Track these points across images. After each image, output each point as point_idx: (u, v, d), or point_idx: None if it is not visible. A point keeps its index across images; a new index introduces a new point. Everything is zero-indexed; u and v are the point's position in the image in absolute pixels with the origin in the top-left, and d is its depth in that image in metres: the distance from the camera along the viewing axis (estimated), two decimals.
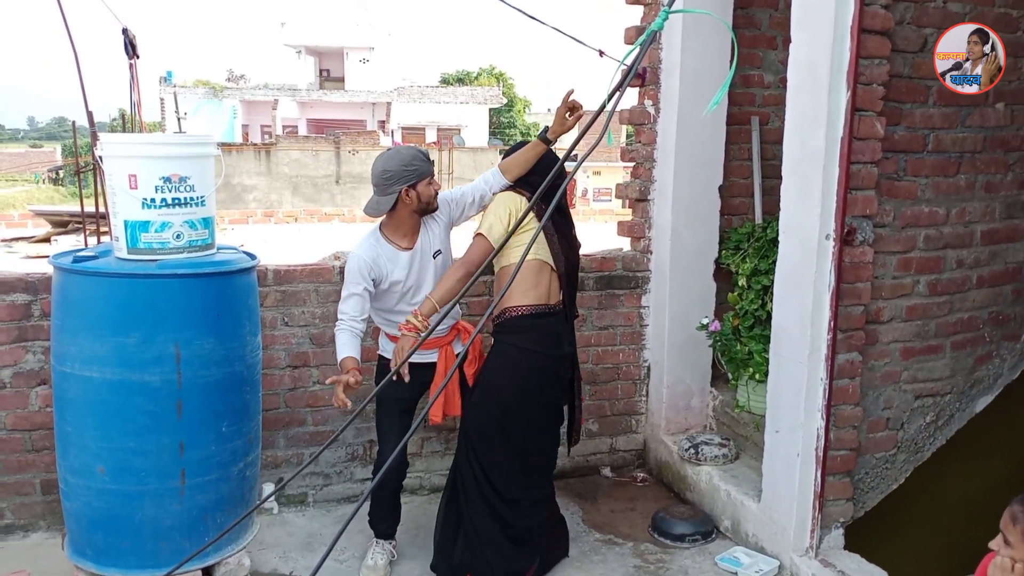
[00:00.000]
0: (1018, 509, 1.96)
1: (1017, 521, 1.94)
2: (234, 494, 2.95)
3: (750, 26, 4.08)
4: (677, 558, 3.54)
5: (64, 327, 2.74)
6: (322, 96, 35.64)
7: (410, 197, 3.07)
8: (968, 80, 3.19)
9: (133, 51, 4.94)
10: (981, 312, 3.59)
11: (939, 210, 3.37)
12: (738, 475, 3.82)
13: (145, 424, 2.70)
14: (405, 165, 3.03)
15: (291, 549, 3.55)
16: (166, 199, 2.68)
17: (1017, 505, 1.97)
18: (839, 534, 3.40)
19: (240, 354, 2.88)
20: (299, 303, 3.76)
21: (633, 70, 1.42)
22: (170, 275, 2.68)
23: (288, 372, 3.80)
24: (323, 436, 3.89)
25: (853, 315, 3.21)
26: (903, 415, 3.53)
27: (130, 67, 5.02)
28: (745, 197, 4.28)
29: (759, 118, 4.21)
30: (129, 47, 4.90)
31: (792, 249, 3.18)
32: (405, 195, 3.06)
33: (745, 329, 3.91)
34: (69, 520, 2.91)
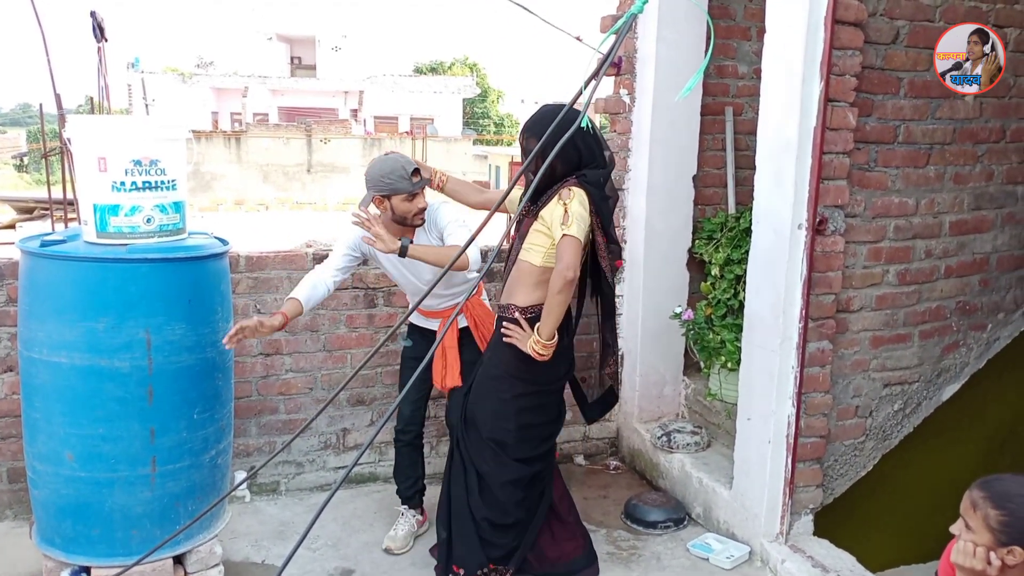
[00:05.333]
0: (977, 495, 1.99)
1: (977, 507, 1.98)
2: (206, 482, 2.92)
3: (725, 16, 4.10)
4: (649, 544, 3.57)
5: (32, 312, 2.69)
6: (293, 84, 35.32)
7: (384, 206, 3.13)
8: (968, 80, 3.22)
9: (101, 34, 4.85)
10: (949, 302, 3.65)
11: (909, 201, 3.41)
12: (710, 463, 3.86)
13: (115, 410, 2.66)
14: (382, 176, 3.07)
15: (263, 537, 3.53)
16: (136, 182, 2.64)
17: (976, 491, 2.00)
18: (809, 520, 3.45)
19: (212, 340, 2.84)
20: (272, 290, 3.72)
21: (611, 55, 1.42)
22: (141, 259, 2.64)
23: (260, 360, 3.77)
24: (295, 424, 3.87)
25: (824, 304, 3.24)
26: (872, 403, 3.58)
27: (98, 51, 4.93)
28: (718, 187, 4.31)
29: (733, 109, 4.23)
30: (97, 30, 4.81)
31: (765, 238, 3.21)
32: (378, 203, 3.12)
33: (718, 318, 3.94)
34: (37, 508, 2.86)
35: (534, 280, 2.97)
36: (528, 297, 2.98)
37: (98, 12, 4.87)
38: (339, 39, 37.51)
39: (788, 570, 3.21)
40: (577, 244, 2.81)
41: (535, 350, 2.86)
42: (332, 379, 3.89)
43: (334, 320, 3.84)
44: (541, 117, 3.01)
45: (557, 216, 2.84)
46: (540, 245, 2.93)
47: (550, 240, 2.90)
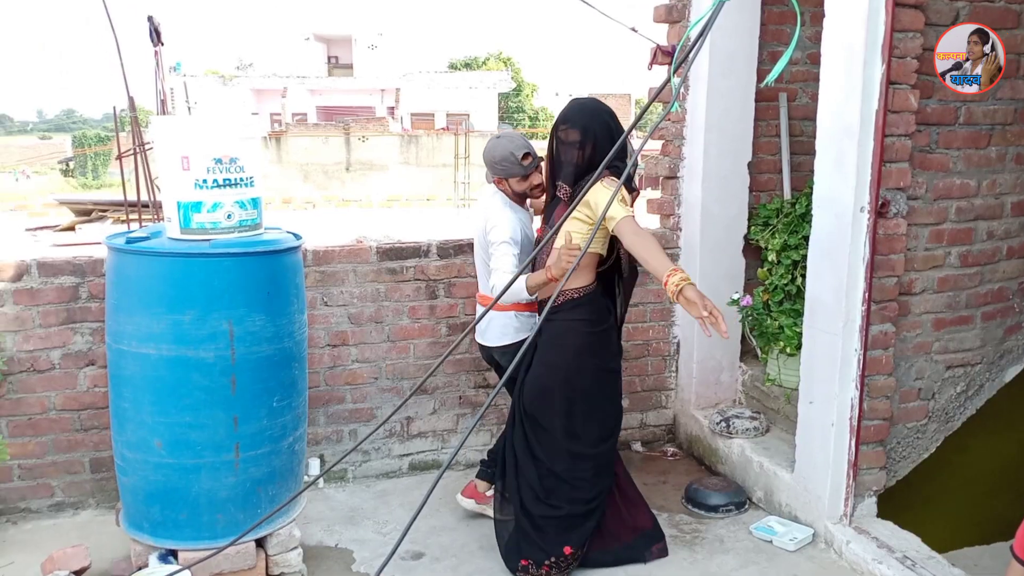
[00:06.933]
0: None
1: None
2: (285, 467, 3.03)
3: (777, 3, 4.10)
4: (712, 528, 3.61)
5: (120, 306, 2.82)
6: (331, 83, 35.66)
7: (503, 185, 3.39)
8: (968, 80, 3.23)
9: (158, 38, 5.01)
10: (1011, 283, 3.63)
11: (970, 182, 3.41)
12: (769, 447, 3.89)
13: (201, 399, 2.78)
14: (496, 162, 3.34)
15: (334, 523, 3.64)
16: (217, 180, 2.75)
17: None
18: (872, 502, 3.46)
19: (289, 331, 2.95)
20: (338, 283, 3.83)
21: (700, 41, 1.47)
22: (223, 254, 2.75)
23: (327, 351, 3.88)
24: (361, 413, 3.98)
25: (886, 287, 3.26)
26: (934, 385, 3.58)
27: (155, 54, 5.08)
28: (773, 173, 4.32)
29: (787, 94, 4.23)
30: (154, 34, 4.96)
31: (826, 222, 3.23)
32: (498, 183, 3.40)
33: (775, 304, 3.96)
34: (125, 495, 2.99)
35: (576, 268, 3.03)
36: (573, 282, 3.04)
37: (155, 16, 5.03)
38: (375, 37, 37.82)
39: (853, 551, 3.23)
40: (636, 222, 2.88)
41: (684, 279, 2.68)
42: (396, 369, 3.98)
43: (397, 312, 3.93)
44: (581, 108, 3.08)
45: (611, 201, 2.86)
46: (578, 232, 2.97)
47: (587, 226, 2.96)
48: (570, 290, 3.04)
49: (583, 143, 3.02)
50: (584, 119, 3.04)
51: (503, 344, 3.40)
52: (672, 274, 2.66)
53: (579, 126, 3.03)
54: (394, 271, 3.90)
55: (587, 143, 3.02)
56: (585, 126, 3.03)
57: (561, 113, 3.12)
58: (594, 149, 3.02)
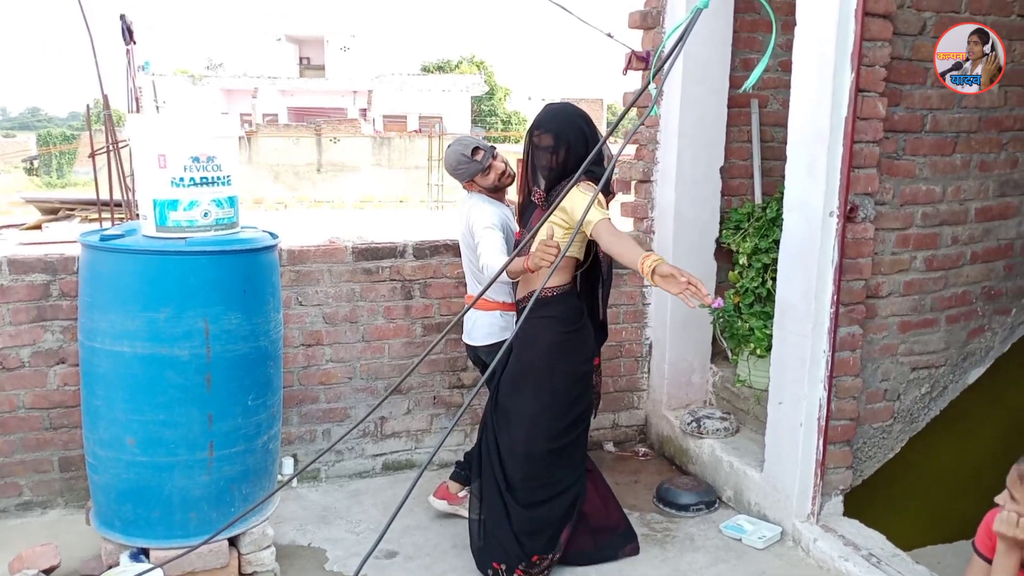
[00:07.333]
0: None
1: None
2: (259, 466, 3.03)
3: (749, 11, 4.18)
4: (683, 526, 3.66)
5: (94, 304, 2.80)
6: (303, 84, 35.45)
7: (473, 187, 3.48)
8: (968, 80, 3.29)
9: (130, 36, 4.97)
10: (974, 287, 3.73)
11: (936, 188, 3.50)
12: (739, 447, 3.95)
13: (175, 397, 2.77)
14: (454, 170, 3.46)
15: (307, 522, 3.64)
16: (194, 178, 2.74)
17: None
18: (839, 501, 3.54)
19: (265, 330, 2.95)
20: (312, 283, 3.83)
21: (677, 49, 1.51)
22: (200, 252, 2.74)
23: (302, 350, 3.87)
24: (335, 413, 3.98)
25: (855, 290, 3.33)
26: (900, 387, 3.66)
27: (127, 52, 5.04)
28: (744, 178, 4.39)
29: (758, 101, 4.31)
30: (127, 32, 4.93)
31: (797, 226, 3.29)
32: (469, 187, 3.49)
33: (746, 306, 4.03)
34: (96, 493, 2.97)
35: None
36: (549, 282, 3.06)
37: (127, 15, 4.99)
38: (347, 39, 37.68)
39: (820, 548, 3.29)
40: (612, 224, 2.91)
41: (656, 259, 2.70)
42: (370, 369, 3.99)
43: (372, 311, 3.94)
44: (555, 113, 3.12)
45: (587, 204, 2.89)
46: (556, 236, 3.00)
47: (563, 230, 3.00)
48: (545, 288, 3.07)
49: (556, 148, 3.05)
50: (557, 124, 3.08)
51: (489, 343, 3.44)
52: (645, 258, 2.71)
53: (552, 131, 3.07)
54: (369, 271, 3.90)
55: (560, 148, 3.05)
56: (558, 131, 3.06)
57: (536, 117, 3.15)
58: (567, 154, 3.05)
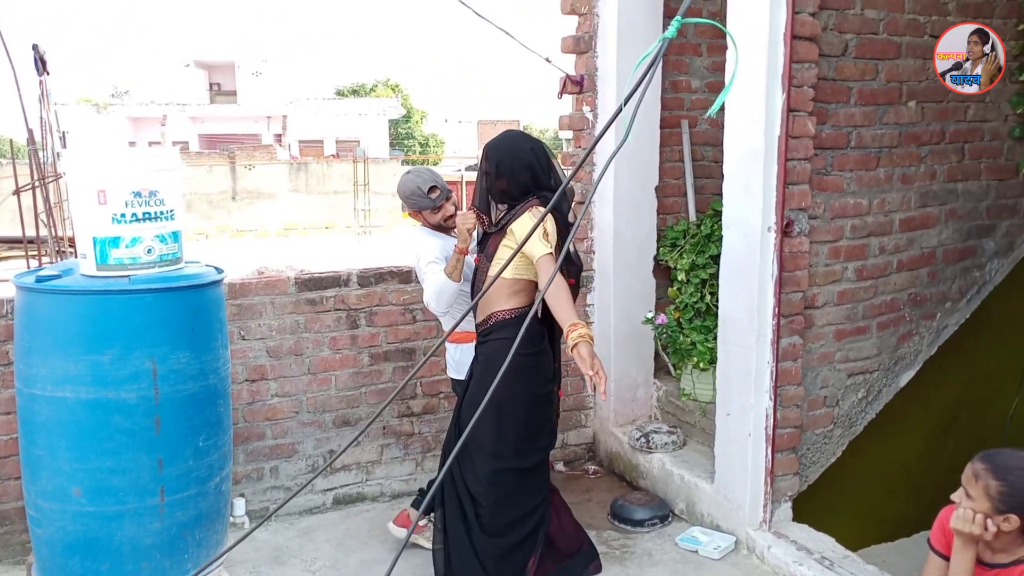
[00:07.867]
0: (979, 467, 2.19)
1: (979, 477, 2.18)
2: (211, 509, 2.94)
3: (678, 35, 4.29)
4: (639, 542, 3.70)
5: (32, 348, 2.68)
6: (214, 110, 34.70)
7: (418, 217, 3.53)
8: (968, 80, 3.34)
9: (43, 67, 4.80)
10: (901, 294, 3.90)
11: (862, 201, 3.66)
12: (688, 460, 4.02)
13: (123, 442, 2.67)
14: (406, 197, 3.49)
15: (260, 563, 3.53)
16: (136, 214, 2.66)
17: (979, 463, 2.20)
18: (788, 507, 3.64)
19: (214, 367, 2.88)
20: (255, 316, 3.74)
21: (647, 78, 1.55)
22: (145, 290, 2.66)
23: (246, 386, 3.78)
24: (283, 449, 3.89)
25: (793, 301, 3.45)
26: (838, 393, 3.80)
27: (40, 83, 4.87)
28: (678, 196, 4.50)
29: (688, 121, 4.43)
30: (39, 63, 4.76)
31: (737, 242, 3.40)
32: (414, 215, 3.53)
33: (686, 321, 4.12)
34: (40, 547, 2.83)
35: (508, 292, 3.09)
36: (506, 304, 3.10)
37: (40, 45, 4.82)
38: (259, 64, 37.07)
39: (775, 555, 3.38)
40: (553, 261, 2.94)
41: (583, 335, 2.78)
42: (317, 401, 3.92)
43: (317, 343, 3.88)
44: (500, 142, 3.18)
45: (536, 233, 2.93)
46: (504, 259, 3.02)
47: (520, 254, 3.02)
48: (503, 311, 3.08)
49: (498, 175, 3.11)
50: (500, 153, 3.14)
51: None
52: (573, 328, 2.80)
53: (495, 159, 3.13)
54: (313, 301, 3.84)
55: (502, 175, 3.11)
56: (500, 159, 3.12)
57: (486, 145, 3.20)
58: (509, 182, 3.10)
